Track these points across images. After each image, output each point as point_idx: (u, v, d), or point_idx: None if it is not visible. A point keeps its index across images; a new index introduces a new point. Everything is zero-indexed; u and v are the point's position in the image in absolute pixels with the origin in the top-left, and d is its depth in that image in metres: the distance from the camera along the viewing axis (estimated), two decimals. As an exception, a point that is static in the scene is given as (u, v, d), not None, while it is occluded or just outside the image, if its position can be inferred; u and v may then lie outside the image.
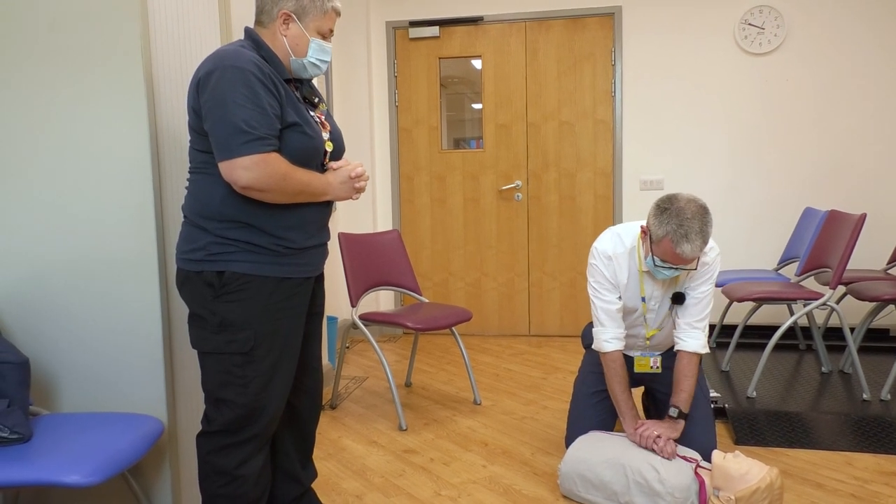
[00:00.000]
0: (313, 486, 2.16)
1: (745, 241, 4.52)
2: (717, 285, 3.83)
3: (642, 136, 4.59)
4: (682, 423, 2.36)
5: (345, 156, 1.92)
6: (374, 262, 3.48)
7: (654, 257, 2.28)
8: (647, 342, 2.53)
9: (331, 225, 4.61)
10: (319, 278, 2.01)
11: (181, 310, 2.02)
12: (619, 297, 2.44)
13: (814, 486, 2.42)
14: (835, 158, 4.39)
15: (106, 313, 1.94)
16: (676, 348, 2.43)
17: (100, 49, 1.86)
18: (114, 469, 1.64)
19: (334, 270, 4.36)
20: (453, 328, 3.32)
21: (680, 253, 2.18)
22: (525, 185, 4.75)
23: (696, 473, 2.22)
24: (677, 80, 4.52)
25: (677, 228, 2.17)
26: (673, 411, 2.37)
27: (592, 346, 2.53)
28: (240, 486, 1.79)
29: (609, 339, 2.44)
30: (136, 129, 1.88)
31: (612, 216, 4.67)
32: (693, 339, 2.39)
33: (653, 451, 2.27)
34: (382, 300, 4.94)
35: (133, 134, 1.88)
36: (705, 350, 2.41)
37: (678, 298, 2.41)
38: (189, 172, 1.79)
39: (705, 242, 2.20)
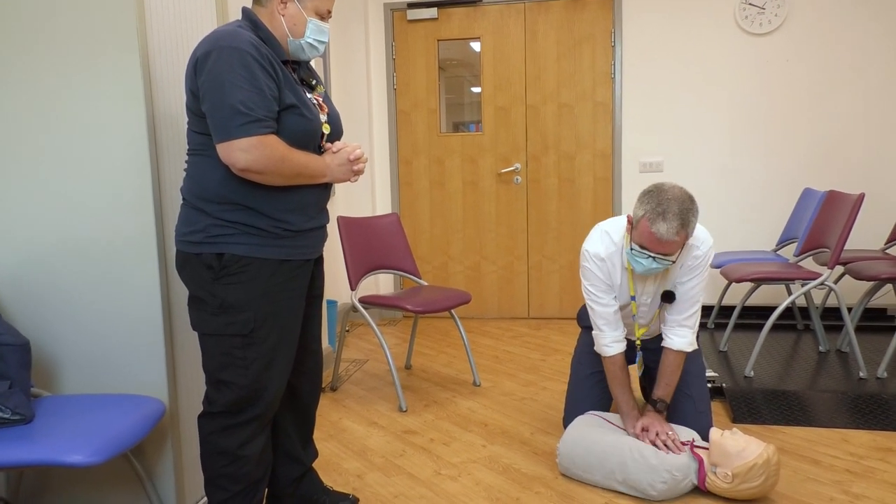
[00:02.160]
0: (314, 465, 2.18)
1: (744, 222, 4.52)
2: (716, 266, 3.86)
3: (642, 118, 4.58)
4: (665, 413, 2.40)
5: (343, 138, 1.92)
6: (374, 245, 3.49)
7: (633, 244, 2.24)
8: (638, 342, 2.52)
9: (330, 208, 4.62)
10: (319, 261, 2.02)
11: (181, 292, 2.03)
12: (616, 298, 2.42)
13: (810, 463, 2.44)
14: (834, 139, 4.38)
15: (106, 295, 1.95)
16: (663, 345, 2.42)
17: (96, 31, 1.86)
18: (116, 449, 1.66)
19: (334, 254, 4.37)
20: (452, 311, 3.33)
21: (655, 232, 2.12)
22: (524, 167, 4.75)
23: (693, 451, 2.25)
24: (677, 62, 4.50)
25: (655, 207, 2.13)
26: (660, 405, 2.40)
27: (594, 349, 2.52)
28: (242, 467, 1.81)
29: (609, 343, 2.43)
30: (134, 112, 1.88)
31: (612, 198, 4.67)
32: (680, 337, 2.38)
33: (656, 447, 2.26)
34: (382, 284, 4.96)
35: (131, 116, 1.88)
36: (692, 348, 2.39)
37: (668, 297, 2.37)
38: (187, 154, 1.79)
39: (684, 227, 2.13)
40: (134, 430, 1.74)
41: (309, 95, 1.83)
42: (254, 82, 1.63)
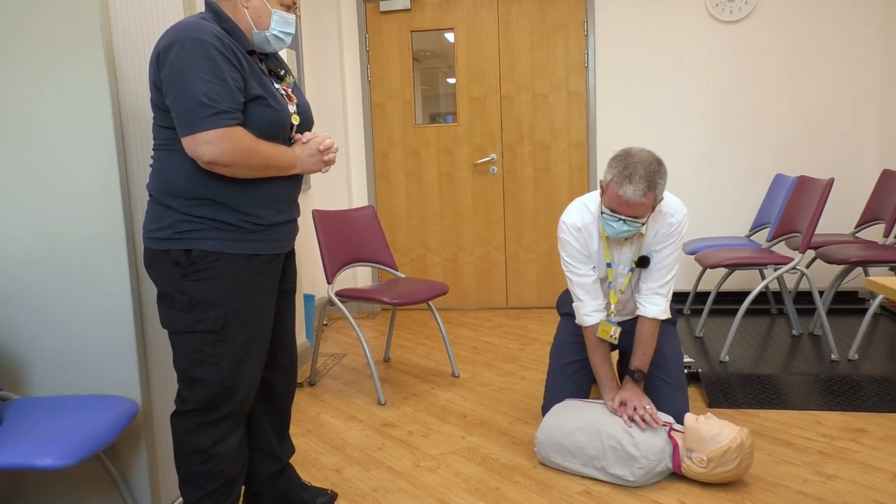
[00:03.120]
0: (292, 461, 2.17)
1: (719, 209, 4.57)
2: (691, 253, 3.89)
3: (616, 107, 4.59)
4: (642, 383, 2.41)
5: (318, 131, 1.90)
6: (350, 238, 3.47)
7: (604, 208, 2.27)
8: (612, 310, 2.54)
9: (305, 202, 4.58)
10: (290, 254, 2.00)
11: (152, 289, 2.00)
12: (594, 268, 2.45)
13: (783, 445, 2.47)
14: (805, 125, 4.43)
15: (75, 295, 1.91)
16: (638, 313, 2.45)
17: (59, 26, 1.82)
18: (87, 451, 1.63)
19: (310, 248, 4.35)
20: (430, 302, 3.32)
21: (622, 195, 2.16)
22: (500, 158, 4.75)
23: (670, 436, 2.27)
24: (649, 50, 4.52)
25: (622, 170, 2.17)
26: (637, 375, 2.41)
27: (575, 321, 2.54)
28: (217, 464, 1.79)
29: (589, 312, 2.45)
30: (99, 107, 1.84)
31: (587, 187, 4.68)
32: (654, 304, 2.41)
33: (634, 422, 2.27)
34: (360, 277, 4.94)
35: (96, 111, 1.84)
36: (666, 315, 2.43)
37: (643, 262, 2.40)
38: (153, 150, 1.76)
39: (651, 189, 2.16)
40: (106, 431, 1.72)
41: (277, 86, 1.80)
42: (217, 73, 1.60)
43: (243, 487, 2.05)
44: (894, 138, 4.17)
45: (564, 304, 2.72)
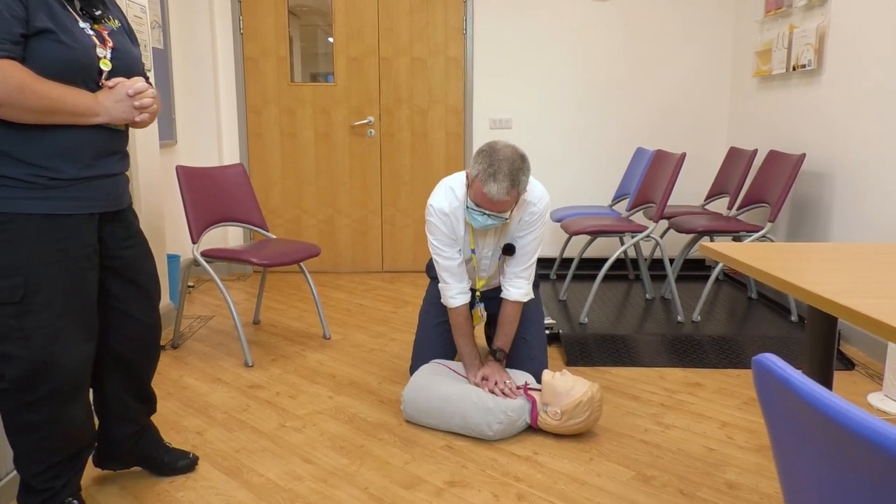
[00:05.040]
0: (157, 424, 2.09)
1: (586, 179, 4.79)
2: (557, 220, 4.06)
3: (492, 76, 4.67)
4: (504, 361, 2.54)
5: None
6: (217, 197, 3.35)
7: (470, 202, 2.32)
8: (478, 293, 2.62)
9: (170, 158, 4.35)
10: (123, 218, 1.79)
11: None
12: (461, 251, 2.50)
13: (630, 399, 2.68)
14: (666, 102, 4.71)
15: None
16: (502, 296, 2.54)
17: None
18: None
19: (174, 206, 4.15)
20: (301, 264, 3.28)
21: (487, 193, 2.21)
22: (378, 121, 4.72)
23: (527, 394, 2.39)
24: (526, 21, 4.62)
25: (487, 168, 2.21)
26: (499, 355, 2.53)
27: (440, 301, 2.60)
28: (55, 441, 1.68)
29: (454, 294, 2.51)
30: None
31: (464, 154, 4.76)
32: (517, 288, 2.51)
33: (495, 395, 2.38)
34: (231, 238, 4.78)
35: None
36: (528, 297, 2.54)
37: (509, 250, 2.49)
38: None
39: (514, 187, 2.23)
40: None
41: (83, 25, 1.60)
42: None
43: (102, 451, 1.98)
44: (741, 119, 4.54)
45: (433, 269, 2.77)
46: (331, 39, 4.66)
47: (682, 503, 1.95)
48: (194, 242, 3.11)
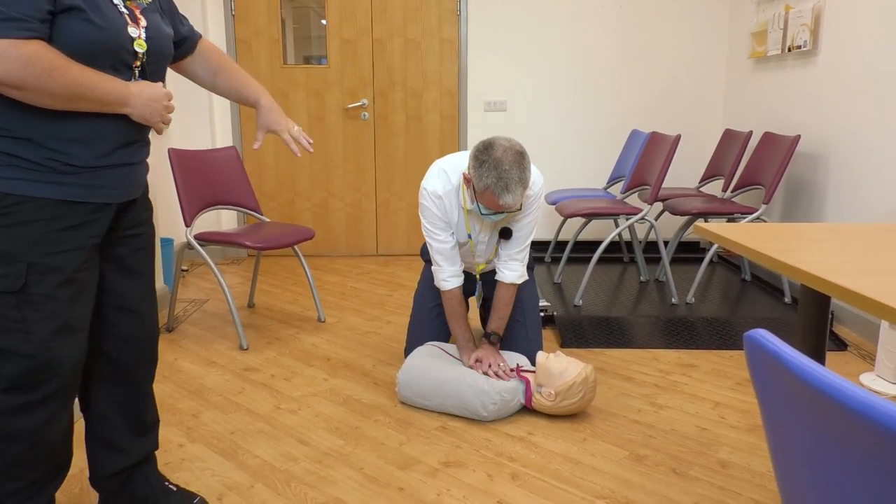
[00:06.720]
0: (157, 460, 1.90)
1: (581, 161, 4.78)
2: (552, 203, 4.06)
3: (487, 58, 4.65)
4: (498, 345, 2.54)
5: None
6: (210, 180, 3.33)
7: (480, 205, 2.30)
8: (478, 277, 2.63)
9: (162, 141, 4.32)
10: (132, 207, 1.66)
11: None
12: (454, 234, 2.50)
13: (624, 380, 2.69)
14: (661, 84, 4.70)
15: None
16: (497, 278, 2.54)
17: None
18: None
19: (168, 189, 4.13)
20: (296, 247, 3.27)
21: (503, 204, 2.21)
22: (371, 103, 4.69)
23: (520, 375, 2.40)
24: (522, 3, 4.58)
25: (497, 181, 2.18)
26: (493, 338, 2.53)
27: (434, 284, 2.60)
28: (41, 452, 1.52)
29: (447, 277, 2.51)
30: None
31: (458, 136, 4.74)
32: (511, 270, 2.51)
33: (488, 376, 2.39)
34: (225, 221, 4.77)
35: None
36: (522, 280, 2.54)
37: (506, 234, 2.49)
38: None
39: (525, 187, 2.23)
40: None
41: (115, 1, 1.46)
42: None
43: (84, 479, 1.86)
44: (736, 100, 4.52)
45: (428, 252, 2.77)
46: (324, 21, 4.62)
47: (674, 482, 1.97)
48: (187, 226, 3.10)
